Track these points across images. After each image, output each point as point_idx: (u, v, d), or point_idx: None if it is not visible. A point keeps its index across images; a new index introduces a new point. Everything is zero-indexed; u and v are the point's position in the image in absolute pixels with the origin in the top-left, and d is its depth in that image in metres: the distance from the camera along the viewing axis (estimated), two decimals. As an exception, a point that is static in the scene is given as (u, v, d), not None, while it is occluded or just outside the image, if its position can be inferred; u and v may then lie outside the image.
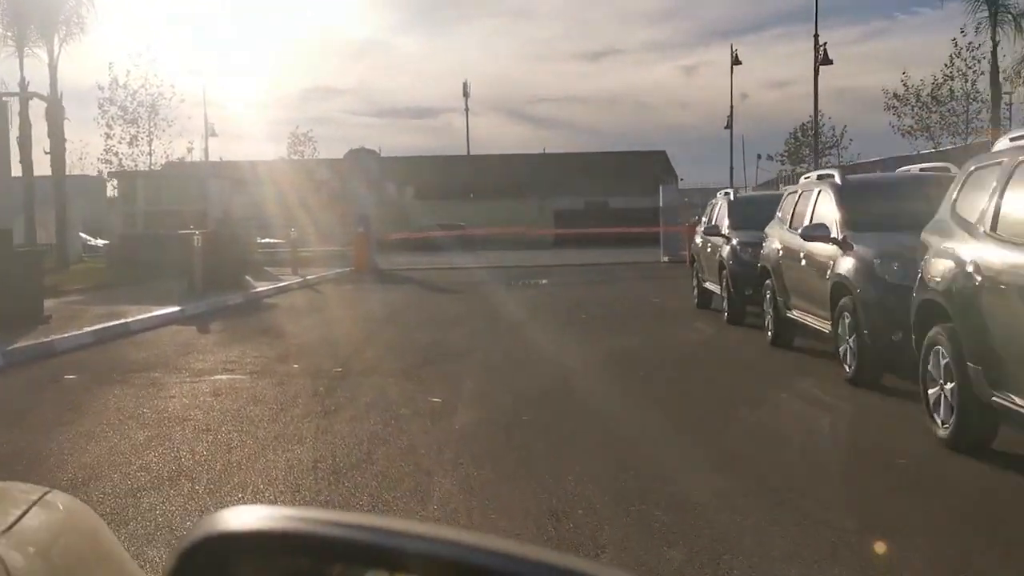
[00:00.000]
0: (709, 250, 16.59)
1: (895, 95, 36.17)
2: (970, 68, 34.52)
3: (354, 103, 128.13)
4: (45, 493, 1.54)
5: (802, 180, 13.40)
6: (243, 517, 0.90)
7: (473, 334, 14.66)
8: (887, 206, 10.43)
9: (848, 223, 10.04)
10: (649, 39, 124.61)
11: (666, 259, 32.07)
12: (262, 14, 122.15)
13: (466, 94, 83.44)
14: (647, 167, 73.93)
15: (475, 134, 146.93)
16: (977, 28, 34.03)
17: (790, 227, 11.93)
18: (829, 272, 9.92)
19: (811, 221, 10.93)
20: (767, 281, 12.69)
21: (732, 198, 16.83)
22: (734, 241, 15.07)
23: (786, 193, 13.65)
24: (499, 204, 63.01)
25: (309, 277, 26.00)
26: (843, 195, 10.63)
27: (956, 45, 34.88)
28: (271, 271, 27.03)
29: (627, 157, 75.25)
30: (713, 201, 18.20)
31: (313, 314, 18.61)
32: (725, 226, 15.84)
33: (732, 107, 53.09)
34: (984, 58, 34.27)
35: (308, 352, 12.77)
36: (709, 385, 10.04)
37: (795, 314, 11.58)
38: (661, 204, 32.70)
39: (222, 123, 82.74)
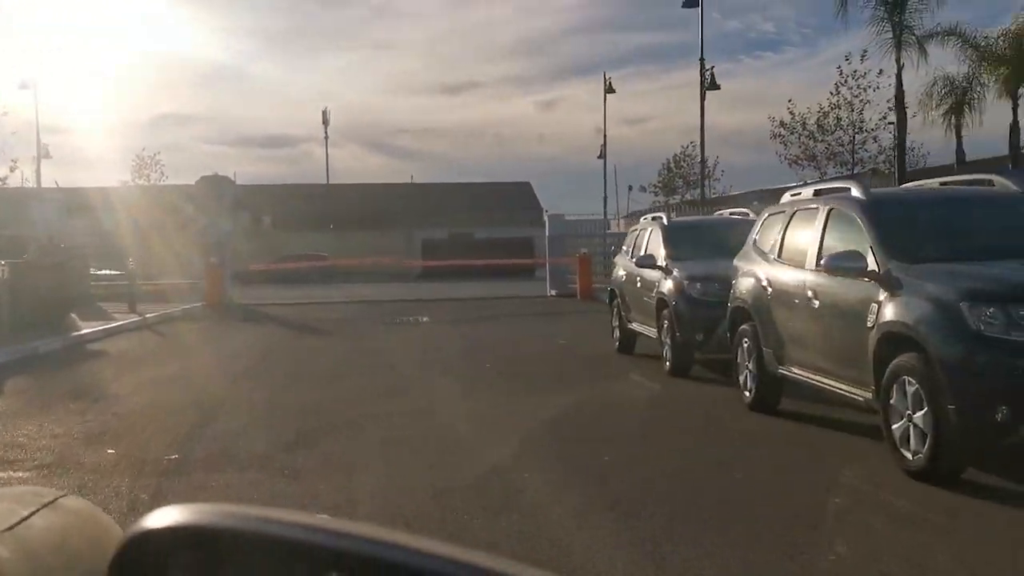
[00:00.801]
0: (639, 285, 13.58)
1: (781, 123, 34.31)
2: (856, 97, 32.94)
3: (207, 131, 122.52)
4: (59, 496, 1.48)
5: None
6: (180, 513, 0.92)
7: (358, 394, 11.19)
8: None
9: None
10: (507, 73, 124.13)
11: (554, 293, 29.05)
12: (108, 37, 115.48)
13: (325, 122, 79.53)
14: (511, 198, 72.01)
15: (334, 165, 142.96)
16: (863, 56, 32.56)
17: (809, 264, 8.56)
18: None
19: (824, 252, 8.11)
20: (743, 326, 9.68)
21: (666, 223, 13.84)
22: (678, 274, 12.08)
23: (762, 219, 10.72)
24: (362, 234, 59.94)
25: (150, 316, 21.77)
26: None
27: (841, 73, 33.25)
28: (106, 308, 22.71)
29: (491, 188, 72.98)
30: (636, 228, 15.32)
31: (148, 365, 14.59)
32: (662, 256, 12.86)
33: (605, 136, 50.88)
34: (872, 87, 32.85)
35: (132, 427, 9.05)
36: (719, 479, 6.83)
37: (794, 371, 8.58)
38: (548, 234, 29.67)
39: (65, 150, 76.72)
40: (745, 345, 9.51)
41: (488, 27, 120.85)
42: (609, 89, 48.37)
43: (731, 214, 14.89)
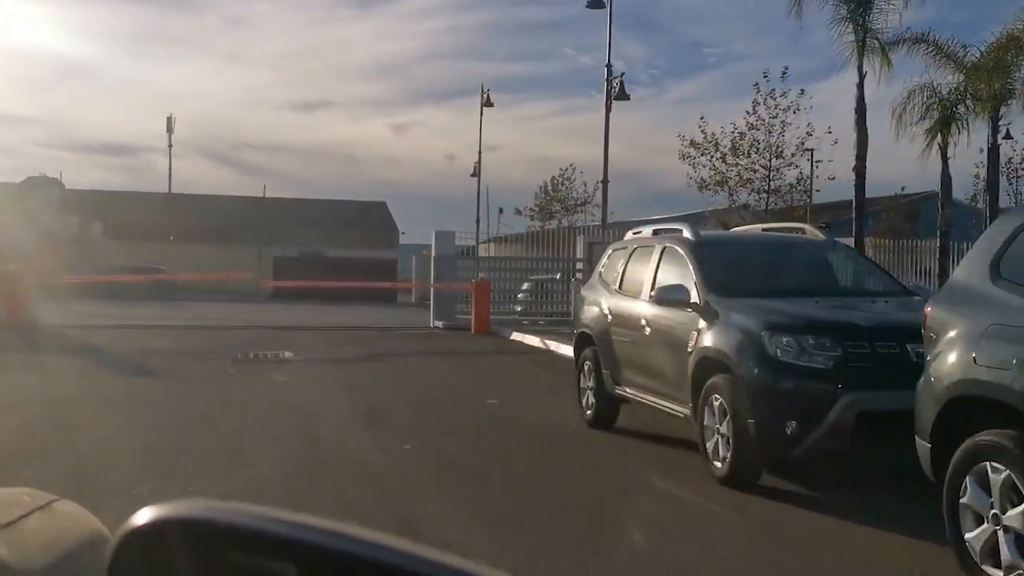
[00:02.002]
0: (647, 333, 8.76)
1: (692, 143, 30.20)
2: (774, 118, 29.28)
3: (42, 134, 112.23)
4: (53, 500, 1.47)
5: None
6: (179, 508, 0.91)
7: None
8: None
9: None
10: (361, 95, 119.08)
11: (440, 325, 23.91)
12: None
13: (169, 129, 72.28)
14: (366, 218, 66.95)
15: (179, 177, 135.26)
16: (784, 74, 28.96)
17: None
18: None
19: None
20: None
21: (698, 238, 9.02)
22: (743, 320, 7.39)
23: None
24: (206, 249, 54.14)
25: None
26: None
27: (759, 91, 29.53)
28: None
29: (345, 206, 67.67)
30: (621, 247, 10.48)
31: None
32: (695, 289, 8.10)
33: (480, 153, 46.23)
34: (790, 108, 29.25)
35: None
36: None
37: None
38: (435, 254, 24.45)
39: None
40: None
41: (344, 47, 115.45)
42: (487, 103, 43.80)
43: (768, 231, 11.33)
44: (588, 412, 9.97)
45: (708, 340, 7.51)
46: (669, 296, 8.24)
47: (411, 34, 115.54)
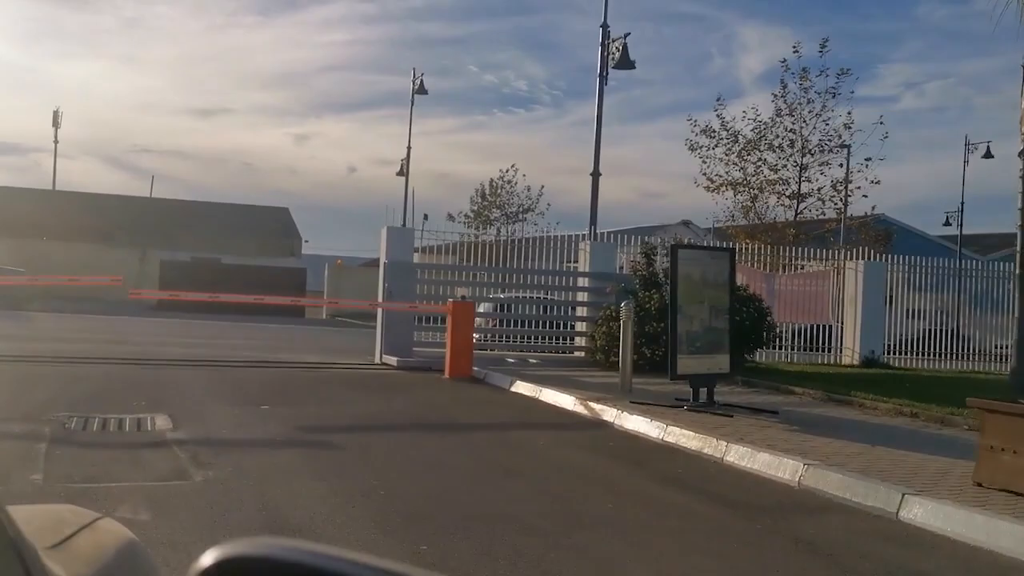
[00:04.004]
0: None
1: (705, 130, 22.88)
2: (810, 102, 22.34)
3: None
4: (97, 519, 1.49)
5: None
6: (247, 546, 0.89)
7: None
8: None
9: None
10: (261, 103, 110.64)
11: (391, 360, 16.06)
12: None
13: (55, 124, 62.47)
14: (266, 224, 58.37)
15: (70, 178, 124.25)
16: (823, 47, 22.12)
17: None
18: None
19: None
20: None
21: None
22: None
23: None
24: (87, 248, 46.45)
25: None
26: None
27: (787, 68, 22.56)
28: None
29: (243, 211, 58.95)
30: None
31: None
32: None
33: (409, 149, 38.40)
34: (827, 93, 22.37)
35: None
36: None
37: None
38: (386, 259, 16.51)
39: None
40: None
41: (243, 54, 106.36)
42: (420, 90, 36.13)
43: None
44: None
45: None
46: None
47: (312, 45, 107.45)
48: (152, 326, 25.98)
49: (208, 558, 0.86)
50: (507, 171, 38.47)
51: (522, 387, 13.02)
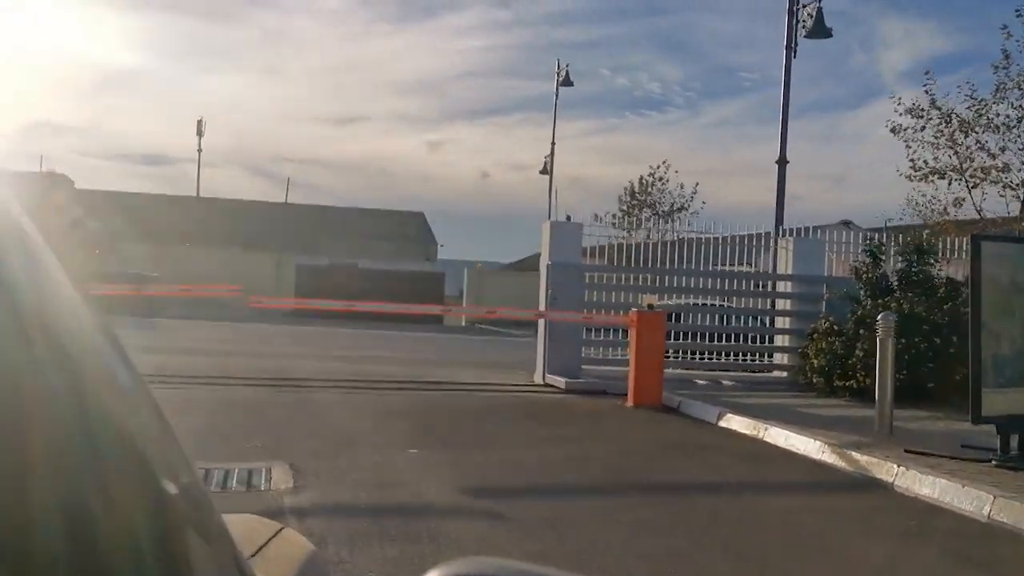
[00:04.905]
0: None
1: (913, 109, 19.31)
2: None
3: (84, 143, 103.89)
4: (281, 529, 1.49)
5: None
6: (479, 565, 0.89)
7: None
8: None
9: None
10: (397, 110, 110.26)
11: (559, 382, 13.16)
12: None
13: (199, 133, 62.64)
14: (402, 229, 56.76)
15: (215, 187, 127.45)
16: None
17: None
18: None
19: None
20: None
21: None
22: None
23: None
24: (229, 254, 45.45)
25: None
26: None
27: (1008, 35, 18.77)
28: None
29: (378, 216, 57.45)
30: None
31: None
32: None
33: (553, 145, 35.67)
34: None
35: None
36: None
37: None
38: (550, 260, 13.67)
39: None
40: None
41: (380, 62, 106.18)
42: (565, 81, 33.42)
43: None
44: None
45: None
46: None
47: (447, 52, 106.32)
48: (285, 336, 23.99)
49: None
50: (658, 168, 35.29)
51: (735, 422, 10.02)
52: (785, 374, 14.10)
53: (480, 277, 41.30)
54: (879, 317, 8.98)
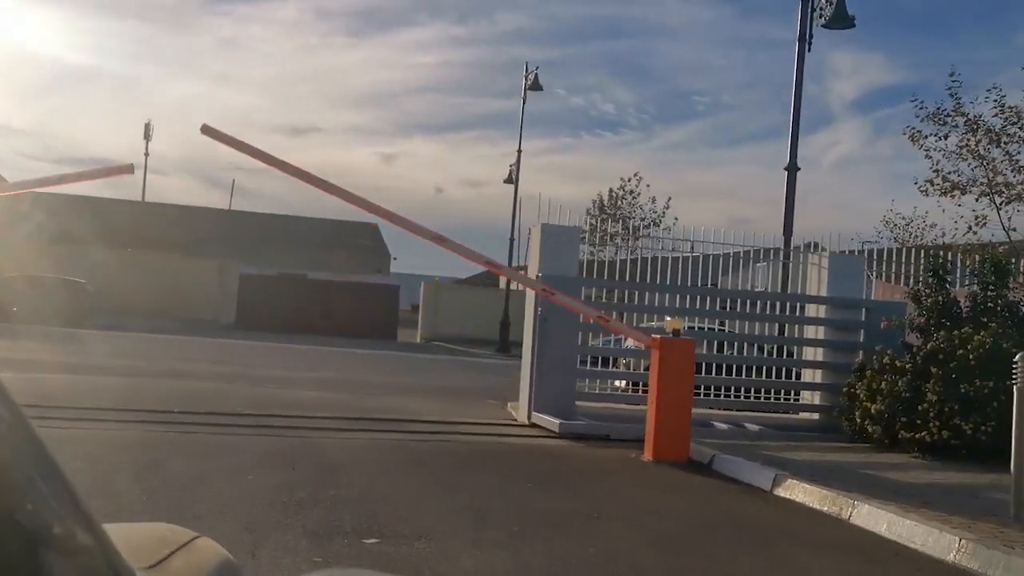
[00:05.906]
0: None
1: (936, 115, 16.89)
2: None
3: (31, 146, 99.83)
4: (195, 538, 1.42)
5: None
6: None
7: None
8: None
9: None
10: (351, 122, 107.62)
11: (551, 423, 10.36)
12: None
13: (147, 137, 59.29)
14: (355, 240, 53.94)
15: (166, 195, 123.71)
16: None
17: None
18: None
19: None
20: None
21: None
22: None
23: None
24: (168, 260, 42.36)
25: None
26: None
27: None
28: None
29: (331, 226, 54.37)
30: None
31: None
32: None
33: (520, 152, 33.09)
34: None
35: None
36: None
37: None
38: (539, 272, 10.79)
39: None
40: None
41: (335, 74, 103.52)
42: (534, 85, 30.90)
43: None
44: None
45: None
46: None
47: (403, 66, 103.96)
48: (224, 351, 21.01)
49: None
50: (629, 180, 32.92)
51: (800, 492, 7.41)
52: (816, 416, 11.58)
53: (436, 291, 38.61)
54: (1018, 357, 6.41)
